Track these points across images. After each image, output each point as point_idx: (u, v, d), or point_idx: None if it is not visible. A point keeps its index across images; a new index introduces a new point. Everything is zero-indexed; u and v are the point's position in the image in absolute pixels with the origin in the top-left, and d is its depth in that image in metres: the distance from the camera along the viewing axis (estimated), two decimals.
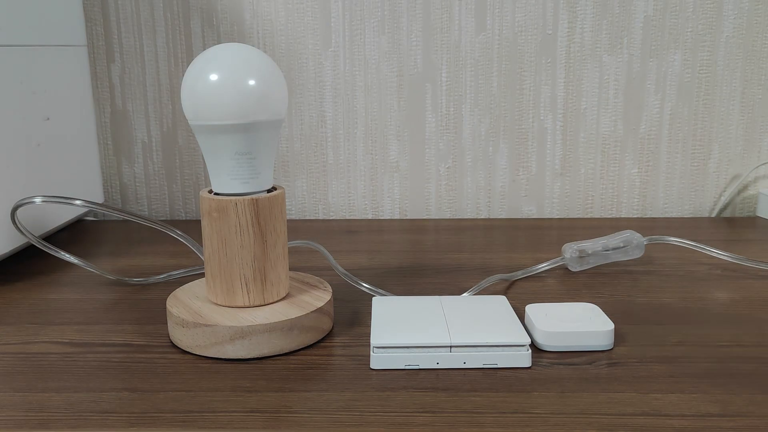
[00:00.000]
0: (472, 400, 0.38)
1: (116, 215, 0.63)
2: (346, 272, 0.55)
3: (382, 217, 0.84)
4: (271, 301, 0.46)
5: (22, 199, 0.54)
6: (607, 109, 0.81)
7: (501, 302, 0.48)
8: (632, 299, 0.54)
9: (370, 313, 0.47)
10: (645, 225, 0.77)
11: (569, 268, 0.59)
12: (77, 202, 0.54)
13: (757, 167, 0.82)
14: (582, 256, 0.59)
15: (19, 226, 0.54)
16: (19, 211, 0.54)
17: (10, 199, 0.59)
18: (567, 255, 0.59)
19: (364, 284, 0.54)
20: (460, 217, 0.84)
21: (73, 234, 0.75)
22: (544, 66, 0.80)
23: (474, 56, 0.80)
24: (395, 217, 0.84)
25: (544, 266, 0.59)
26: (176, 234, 0.57)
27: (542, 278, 0.58)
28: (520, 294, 0.54)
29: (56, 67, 0.68)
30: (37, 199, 0.54)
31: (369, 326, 0.45)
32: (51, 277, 0.59)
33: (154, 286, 0.57)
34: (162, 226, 0.57)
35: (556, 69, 0.80)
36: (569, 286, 0.57)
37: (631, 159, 0.82)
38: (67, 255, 0.56)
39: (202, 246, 0.48)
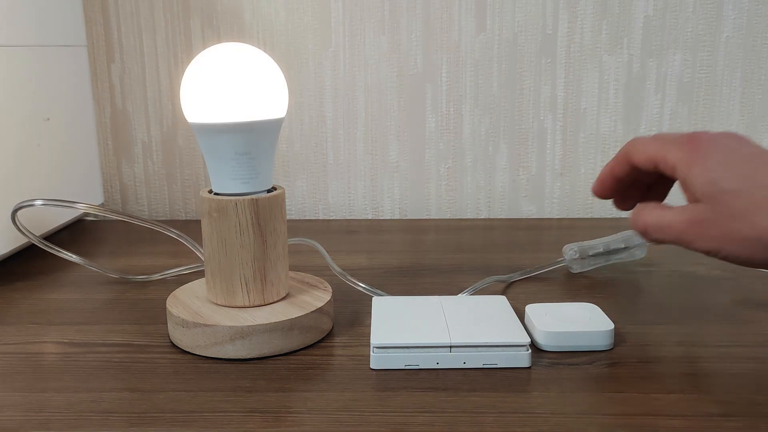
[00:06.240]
0: (472, 400, 0.38)
1: (115, 217, 0.63)
2: (343, 272, 0.55)
3: (382, 217, 0.84)
4: (271, 301, 0.46)
5: (23, 202, 0.54)
6: (607, 109, 0.81)
7: (501, 302, 0.48)
8: (632, 299, 0.54)
9: (370, 313, 0.47)
10: None
11: (570, 269, 0.59)
12: (79, 205, 0.54)
13: None
14: (583, 257, 0.58)
15: (20, 227, 0.54)
16: (19, 213, 0.55)
17: (11, 199, 0.59)
18: (567, 256, 0.59)
19: (361, 284, 0.54)
20: (460, 217, 0.84)
21: (73, 234, 0.75)
22: (544, 66, 0.80)
23: (474, 56, 0.80)
24: (395, 217, 0.84)
25: (543, 269, 0.59)
26: (173, 233, 0.57)
27: (542, 278, 0.58)
28: (520, 294, 0.54)
29: (56, 67, 0.68)
30: (38, 202, 0.54)
31: (369, 326, 0.45)
32: (51, 277, 0.59)
33: (154, 286, 0.57)
34: (159, 226, 0.57)
35: (556, 69, 0.80)
36: (569, 286, 0.57)
37: None
38: (69, 254, 0.56)
39: (201, 246, 0.48)
